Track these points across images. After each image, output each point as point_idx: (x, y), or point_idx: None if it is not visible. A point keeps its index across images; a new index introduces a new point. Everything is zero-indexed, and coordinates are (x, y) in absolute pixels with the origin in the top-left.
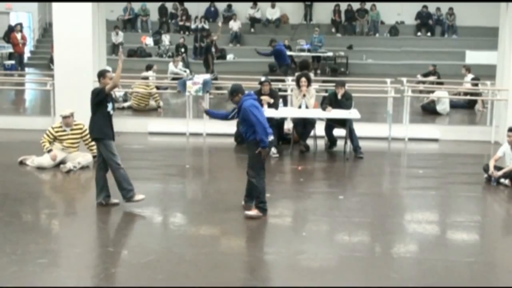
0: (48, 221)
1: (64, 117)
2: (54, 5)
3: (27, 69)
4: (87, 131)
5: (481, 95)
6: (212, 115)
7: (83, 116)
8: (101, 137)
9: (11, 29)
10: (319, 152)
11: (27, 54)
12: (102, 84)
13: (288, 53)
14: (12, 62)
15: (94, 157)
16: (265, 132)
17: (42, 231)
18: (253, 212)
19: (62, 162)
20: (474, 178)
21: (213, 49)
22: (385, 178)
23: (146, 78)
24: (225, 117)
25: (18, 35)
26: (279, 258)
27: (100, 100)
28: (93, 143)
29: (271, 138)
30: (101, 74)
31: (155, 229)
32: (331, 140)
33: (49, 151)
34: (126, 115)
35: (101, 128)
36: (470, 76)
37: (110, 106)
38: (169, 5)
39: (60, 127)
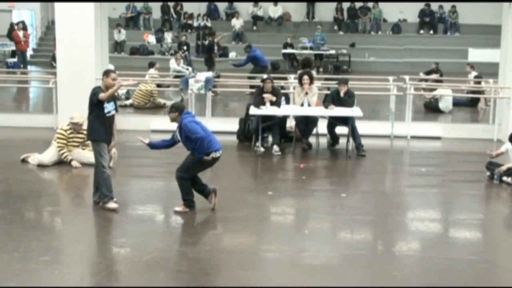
0: (51, 218)
1: (75, 123)
2: (57, 3)
3: (29, 67)
4: None
5: (484, 93)
6: (158, 146)
7: (86, 114)
8: (93, 138)
9: (13, 27)
10: (321, 150)
11: (29, 52)
12: (104, 83)
13: (291, 51)
14: (15, 60)
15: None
16: (202, 150)
17: (45, 228)
18: (180, 207)
19: (61, 161)
20: (477, 176)
21: (215, 48)
22: (388, 176)
23: (152, 76)
24: (171, 143)
25: (20, 33)
26: (282, 256)
27: (95, 102)
28: (88, 143)
29: (216, 154)
30: (105, 73)
31: (157, 227)
32: (334, 138)
33: (71, 161)
34: (128, 113)
35: (95, 130)
36: (474, 74)
37: (111, 106)
38: (171, 3)
39: (70, 128)
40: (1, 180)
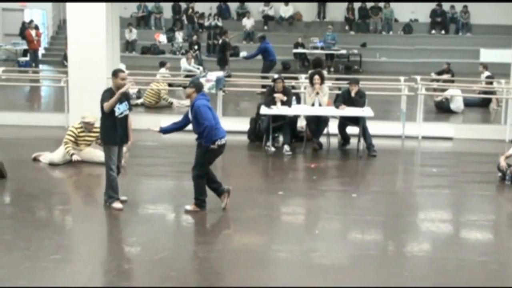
0: (62, 217)
1: (86, 123)
2: (68, 3)
3: (41, 66)
4: None
5: (496, 93)
6: (169, 129)
7: (97, 114)
8: (104, 140)
9: (25, 26)
10: (332, 150)
11: (41, 51)
12: (114, 84)
13: (302, 50)
14: (27, 58)
15: None
16: (210, 138)
17: (56, 227)
18: (191, 206)
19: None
20: (488, 177)
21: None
22: (399, 177)
23: (163, 75)
24: (183, 124)
25: (33, 32)
26: (292, 256)
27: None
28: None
29: (222, 141)
30: (114, 74)
31: (168, 226)
32: (344, 138)
33: (72, 155)
34: (139, 112)
35: (105, 132)
36: (486, 74)
37: (123, 107)
38: (182, 3)
39: (81, 127)
40: (12, 178)
